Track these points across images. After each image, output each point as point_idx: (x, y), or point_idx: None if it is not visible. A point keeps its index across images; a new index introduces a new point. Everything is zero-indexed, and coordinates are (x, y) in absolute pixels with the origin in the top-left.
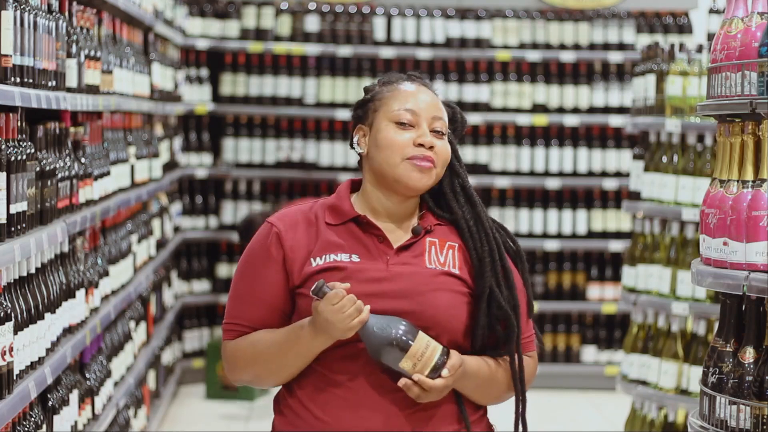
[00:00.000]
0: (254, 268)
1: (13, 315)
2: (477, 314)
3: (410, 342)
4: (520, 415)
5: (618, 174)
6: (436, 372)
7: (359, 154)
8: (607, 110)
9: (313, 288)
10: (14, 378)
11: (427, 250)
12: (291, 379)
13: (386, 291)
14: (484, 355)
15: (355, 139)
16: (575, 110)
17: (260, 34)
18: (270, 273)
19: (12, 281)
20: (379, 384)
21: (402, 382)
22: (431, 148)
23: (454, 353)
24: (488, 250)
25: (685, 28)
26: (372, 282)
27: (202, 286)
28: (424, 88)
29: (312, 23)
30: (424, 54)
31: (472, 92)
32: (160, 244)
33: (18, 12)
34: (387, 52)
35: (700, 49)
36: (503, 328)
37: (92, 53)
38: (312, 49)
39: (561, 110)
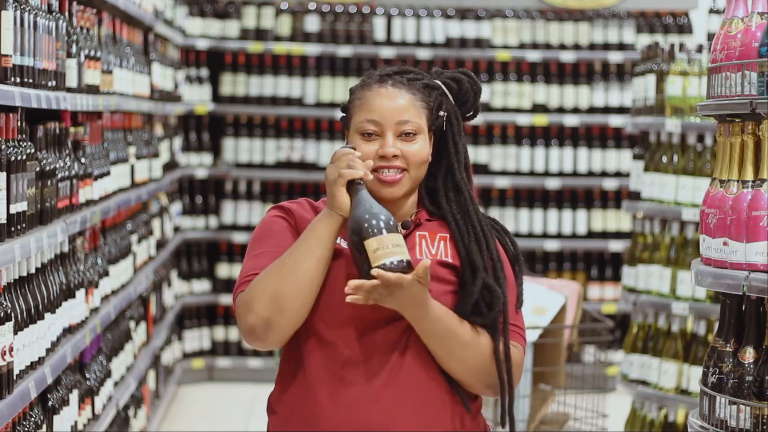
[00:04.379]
0: (267, 230)
1: (13, 315)
2: (464, 295)
3: (385, 231)
4: (507, 409)
5: (618, 174)
6: (391, 268)
7: None
8: (607, 110)
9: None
10: (14, 378)
11: (418, 243)
12: (282, 375)
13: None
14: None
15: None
16: (575, 110)
17: (260, 34)
18: (284, 230)
19: (12, 281)
20: (373, 380)
21: (352, 283)
22: (395, 156)
23: (423, 264)
24: (475, 240)
25: (685, 28)
26: (359, 277)
27: (202, 286)
28: (392, 90)
29: (312, 23)
30: (424, 54)
31: None
32: (160, 244)
33: (18, 12)
34: (387, 52)
35: (700, 49)
36: (489, 310)
37: (92, 53)
38: (312, 49)
39: (561, 110)
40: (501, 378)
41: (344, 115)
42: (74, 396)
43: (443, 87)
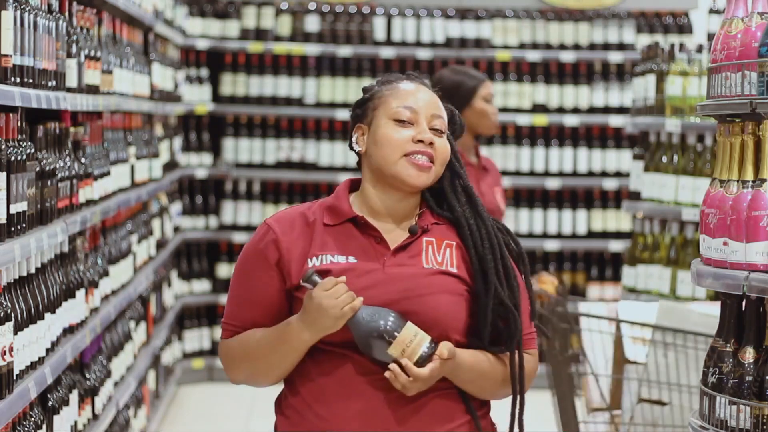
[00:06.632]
0: (249, 271)
1: (13, 315)
2: (480, 312)
3: (398, 331)
4: (518, 416)
5: (618, 174)
6: (423, 362)
7: (358, 152)
8: (607, 110)
9: (303, 276)
10: (14, 378)
11: (424, 249)
12: (291, 378)
13: (383, 293)
14: (484, 350)
15: (353, 138)
16: (575, 110)
17: (260, 34)
18: (265, 275)
19: (12, 281)
20: (382, 381)
21: (390, 368)
22: (431, 144)
23: (445, 344)
24: (489, 247)
25: (685, 28)
26: (368, 284)
27: (202, 286)
28: (423, 87)
29: (312, 23)
30: (424, 54)
31: None
32: (160, 244)
33: (18, 12)
34: (387, 52)
35: (700, 49)
36: (504, 325)
37: (92, 53)
38: (312, 49)
39: (561, 110)
40: (514, 392)
41: (359, 109)
42: (74, 396)
43: None
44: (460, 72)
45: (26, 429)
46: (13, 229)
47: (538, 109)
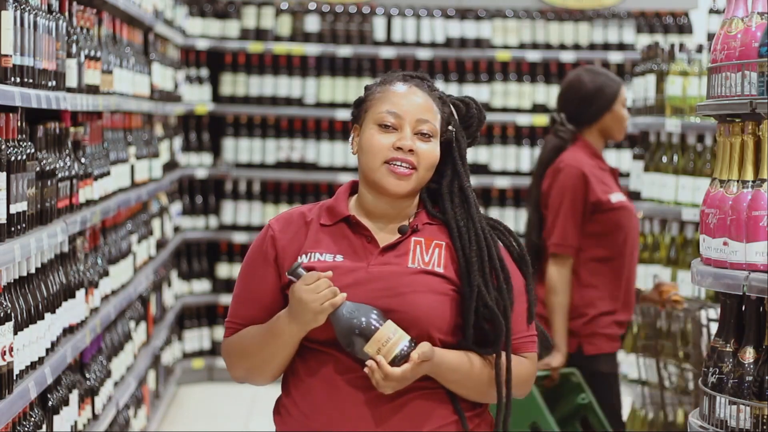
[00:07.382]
0: (250, 268)
1: (13, 315)
2: (465, 313)
3: (377, 327)
4: (503, 420)
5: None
6: (399, 361)
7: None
8: None
9: (289, 269)
10: (14, 378)
11: (412, 249)
12: (285, 378)
13: (365, 291)
14: (472, 352)
15: (350, 139)
16: None
17: (260, 34)
18: (263, 272)
19: (12, 281)
20: (366, 381)
21: (368, 364)
22: (411, 151)
23: (421, 345)
24: (476, 249)
25: (685, 28)
26: (351, 282)
27: (202, 286)
28: (416, 89)
29: (312, 23)
30: (424, 54)
31: (472, 92)
32: (160, 244)
33: (18, 12)
34: (387, 52)
35: (700, 49)
36: (491, 327)
37: (92, 53)
38: (312, 49)
39: None
40: (499, 394)
41: (356, 109)
42: (74, 396)
43: (452, 107)
44: (599, 73)
45: (26, 429)
46: (13, 229)
47: (538, 109)
